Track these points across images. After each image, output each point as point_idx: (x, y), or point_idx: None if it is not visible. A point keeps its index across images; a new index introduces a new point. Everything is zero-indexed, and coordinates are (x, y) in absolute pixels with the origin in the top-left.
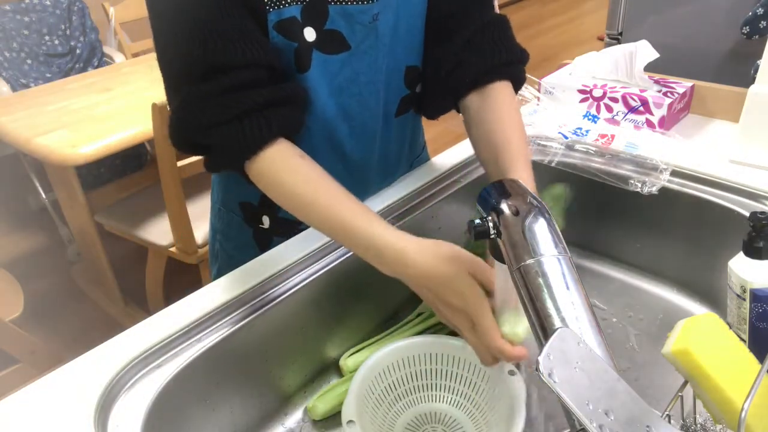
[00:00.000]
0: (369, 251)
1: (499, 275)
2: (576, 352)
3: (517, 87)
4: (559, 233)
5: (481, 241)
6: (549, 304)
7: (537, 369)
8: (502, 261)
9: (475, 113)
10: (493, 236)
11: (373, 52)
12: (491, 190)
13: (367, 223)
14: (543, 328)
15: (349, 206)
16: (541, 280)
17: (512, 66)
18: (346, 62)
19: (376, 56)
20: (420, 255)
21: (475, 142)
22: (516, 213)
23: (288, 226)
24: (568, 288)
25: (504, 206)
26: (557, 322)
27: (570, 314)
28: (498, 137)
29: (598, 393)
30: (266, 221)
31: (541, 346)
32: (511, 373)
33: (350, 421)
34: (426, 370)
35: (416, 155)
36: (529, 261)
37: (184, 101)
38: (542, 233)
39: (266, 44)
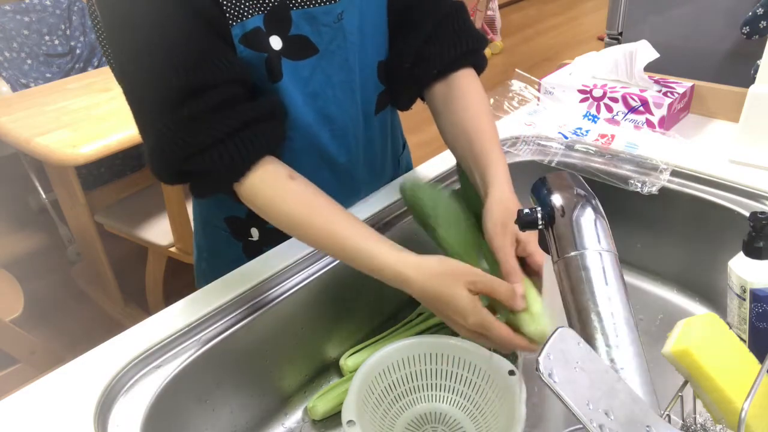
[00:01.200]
0: (372, 272)
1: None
2: (576, 352)
3: (479, 71)
4: (607, 229)
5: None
6: (586, 297)
7: (537, 369)
8: (548, 252)
9: (442, 103)
10: (540, 227)
11: (342, 52)
12: (543, 182)
13: (365, 242)
14: (580, 320)
15: (347, 226)
16: (581, 273)
17: (474, 53)
18: (316, 66)
19: (346, 56)
20: (418, 275)
21: (444, 132)
22: (565, 206)
23: (278, 235)
24: (607, 283)
25: (553, 198)
26: (593, 316)
27: (606, 309)
28: (468, 125)
29: (598, 393)
30: (255, 233)
31: None
32: (511, 373)
33: (350, 421)
34: (426, 370)
35: (399, 152)
36: (572, 253)
37: (163, 131)
38: (588, 228)
39: (236, 60)
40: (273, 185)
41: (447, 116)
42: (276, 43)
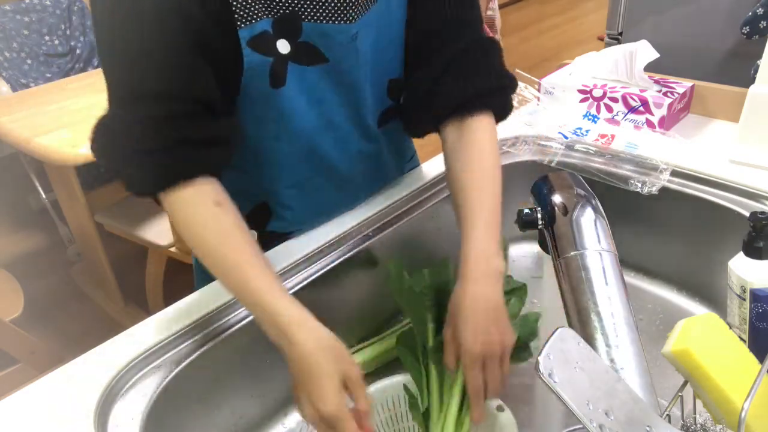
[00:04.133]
0: (264, 314)
1: None
2: (576, 352)
3: (501, 117)
4: (607, 229)
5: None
6: (586, 297)
7: (537, 369)
8: (548, 252)
9: (451, 149)
10: (540, 227)
11: (354, 71)
12: (544, 182)
13: (270, 287)
14: (580, 320)
15: (256, 267)
16: (581, 273)
17: (496, 94)
18: (323, 74)
19: (358, 74)
20: (309, 336)
21: (447, 179)
22: (565, 206)
23: (276, 238)
24: (607, 283)
25: (554, 198)
26: (593, 316)
27: (606, 309)
28: (465, 183)
29: (598, 393)
30: (253, 236)
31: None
32: (500, 408)
33: None
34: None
35: (404, 163)
36: (572, 253)
37: (116, 120)
38: (588, 228)
39: (210, 82)
40: (195, 208)
41: (451, 165)
42: (283, 47)
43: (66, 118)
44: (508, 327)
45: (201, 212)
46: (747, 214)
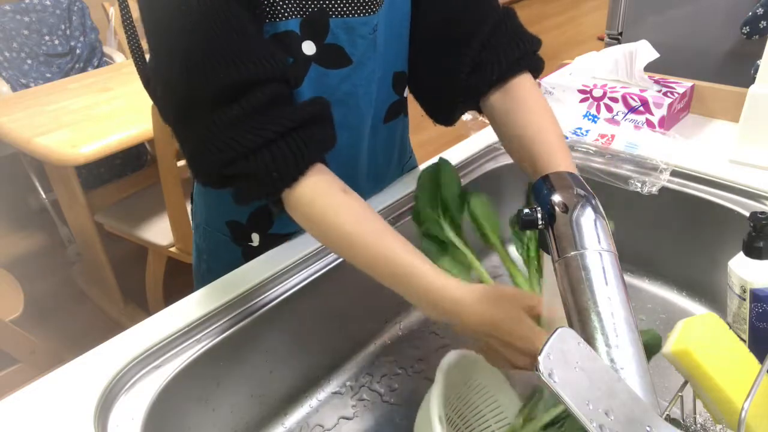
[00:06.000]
0: (420, 295)
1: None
2: (576, 352)
3: (536, 75)
4: (608, 229)
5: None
6: (586, 297)
7: (537, 369)
8: (548, 252)
9: (502, 112)
10: (540, 227)
11: (371, 63)
12: (543, 182)
13: (421, 265)
14: (580, 320)
15: (400, 248)
16: (581, 273)
17: (530, 56)
18: (346, 77)
19: (374, 67)
20: (478, 303)
21: (507, 141)
22: (565, 205)
23: (278, 241)
24: (607, 283)
25: (553, 198)
26: (593, 316)
27: (606, 309)
28: (531, 131)
29: (598, 393)
30: (256, 239)
31: None
32: None
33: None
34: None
35: (405, 161)
36: (572, 253)
37: (206, 132)
38: (588, 228)
39: (281, 57)
40: (326, 195)
41: (508, 127)
42: (309, 48)
43: (66, 118)
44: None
45: (333, 200)
46: (747, 214)
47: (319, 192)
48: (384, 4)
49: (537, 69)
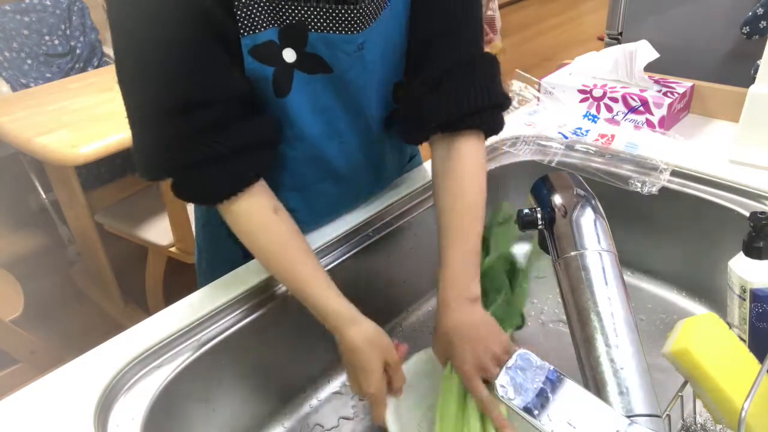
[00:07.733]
0: (319, 313)
1: None
2: (536, 370)
3: (490, 134)
4: (607, 229)
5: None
6: (586, 297)
7: (495, 392)
8: (548, 252)
9: (437, 169)
10: (540, 227)
11: (360, 79)
12: (543, 182)
13: (325, 290)
14: (580, 320)
15: (312, 271)
16: (581, 273)
17: (486, 112)
18: (328, 83)
19: (365, 82)
20: (353, 331)
21: (433, 195)
22: (565, 206)
23: None
24: (607, 283)
25: (553, 198)
26: (593, 316)
27: (606, 309)
28: (446, 209)
29: (560, 405)
30: None
31: (574, 338)
32: None
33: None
34: None
35: (404, 164)
36: (572, 253)
37: (153, 140)
38: (588, 228)
39: (237, 77)
40: (257, 215)
41: (436, 184)
42: (289, 55)
43: (66, 118)
44: (497, 336)
45: (262, 221)
46: (747, 214)
47: (252, 211)
48: (379, 22)
49: (492, 127)
